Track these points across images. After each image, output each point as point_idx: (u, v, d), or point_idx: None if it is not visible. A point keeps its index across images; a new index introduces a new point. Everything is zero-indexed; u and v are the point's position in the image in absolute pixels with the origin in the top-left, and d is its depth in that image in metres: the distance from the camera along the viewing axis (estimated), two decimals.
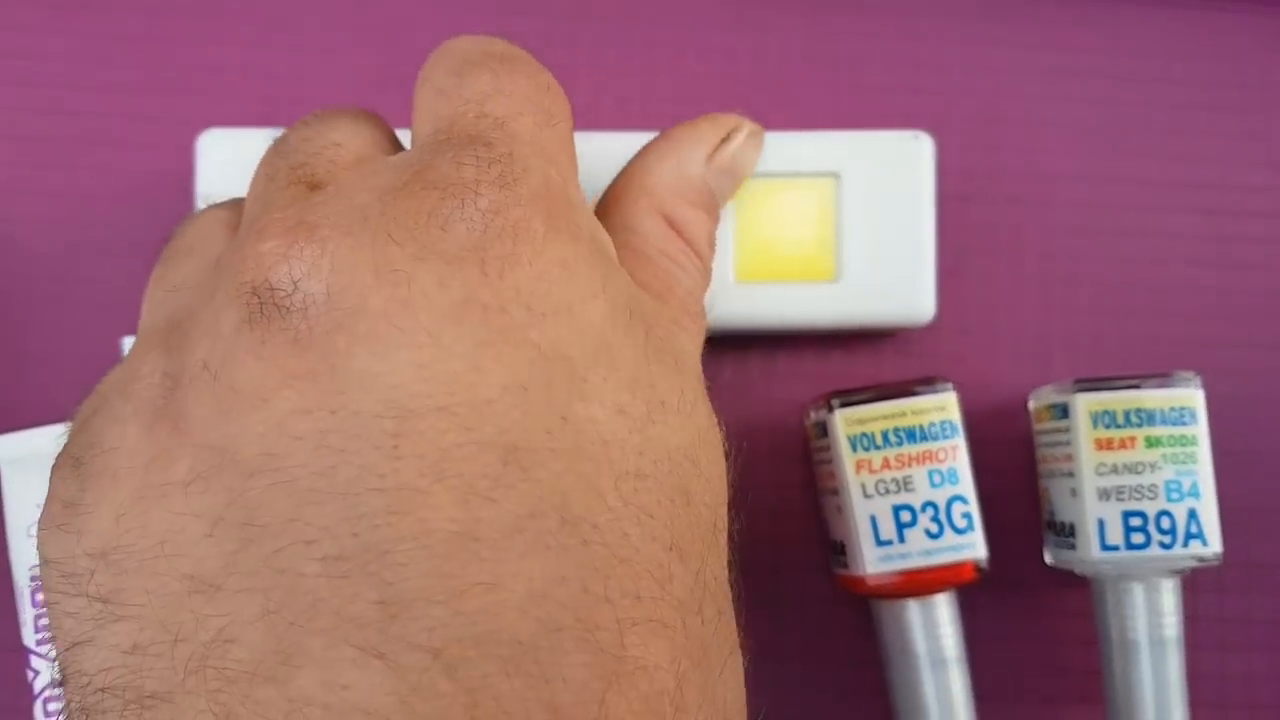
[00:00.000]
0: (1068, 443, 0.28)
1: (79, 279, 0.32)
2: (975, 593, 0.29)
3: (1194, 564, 0.27)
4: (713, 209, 0.26)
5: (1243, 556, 0.31)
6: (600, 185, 0.26)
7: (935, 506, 0.27)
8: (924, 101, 0.33)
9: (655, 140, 0.26)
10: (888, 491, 0.28)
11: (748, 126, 0.27)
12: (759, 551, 0.31)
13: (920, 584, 0.28)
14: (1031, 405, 0.31)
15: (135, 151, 0.32)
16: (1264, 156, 0.33)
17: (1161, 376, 0.28)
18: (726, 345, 0.31)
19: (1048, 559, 0.30)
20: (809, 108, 0.33)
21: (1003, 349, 0.32)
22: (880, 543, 0.27)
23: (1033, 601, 0.31)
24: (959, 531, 0.27)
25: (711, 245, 0.26)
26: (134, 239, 0.32)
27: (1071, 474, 0.28)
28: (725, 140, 0.26)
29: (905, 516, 0.27)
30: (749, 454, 0.31)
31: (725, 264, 0.30)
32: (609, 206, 0.25)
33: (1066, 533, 0.29)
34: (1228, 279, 0.32)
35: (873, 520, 0.28)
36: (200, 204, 0.29)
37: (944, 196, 0.32)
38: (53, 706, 0.29)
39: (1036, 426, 0.30)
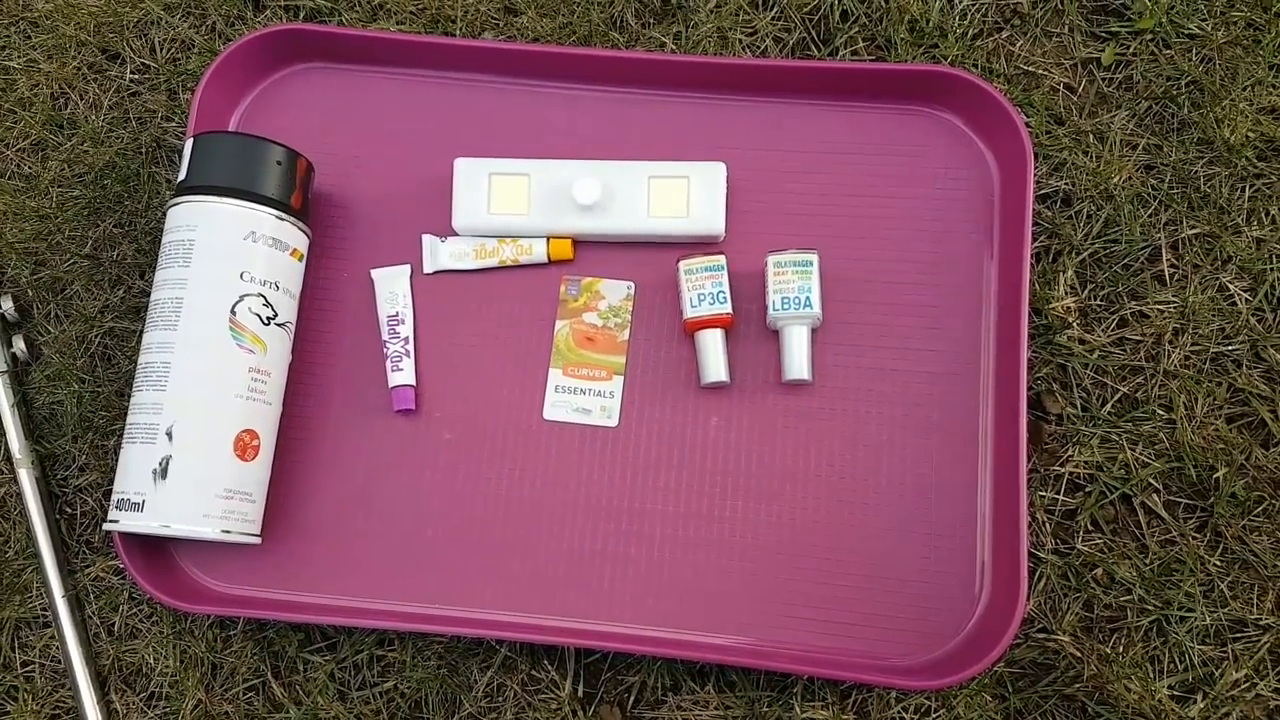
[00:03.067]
0: (767, 275, 0.76)
1: (392, 217, 0.82)
2: (736, 333, 0.77)
3: (810, 319, 0.75)
4: None
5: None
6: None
7: (713, 294, 0.75)
8: (724, 153, 0.82)
9: None
10: (696, 289, 0.75)
11: None
12: (665, 317, 0.79)
13: (707, 324, 0.75)
14: (764, 263, 0.78)
15: (424, 164, 0.82)
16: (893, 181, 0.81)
17: (800, 249, 0.75)
18: (649, 245, 0.80)
19: (768, 324, 0.78)
20: (681, 154, 0.82)
21: (753, 247, 0.80)
22: (693, 306, 0.75)
23: (760, 338, 0.78)
24: (722, 302, 0.75)
25: None
26: (421, 205, 0.82)
27: (766, 285, 0.76)
28: None
29: (702, 297, 0.75)
30: (665, 281, 0.79)
31: (644, 209, 0.78)
32: None
33: (770, 307, 0.76)
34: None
35: (689, 298, 0.75)
36: (455, 194, 0.79)
37: (731, 187, 0.80)
38: (390, 364, 0.78)
39: (765, 272, 0.78)
